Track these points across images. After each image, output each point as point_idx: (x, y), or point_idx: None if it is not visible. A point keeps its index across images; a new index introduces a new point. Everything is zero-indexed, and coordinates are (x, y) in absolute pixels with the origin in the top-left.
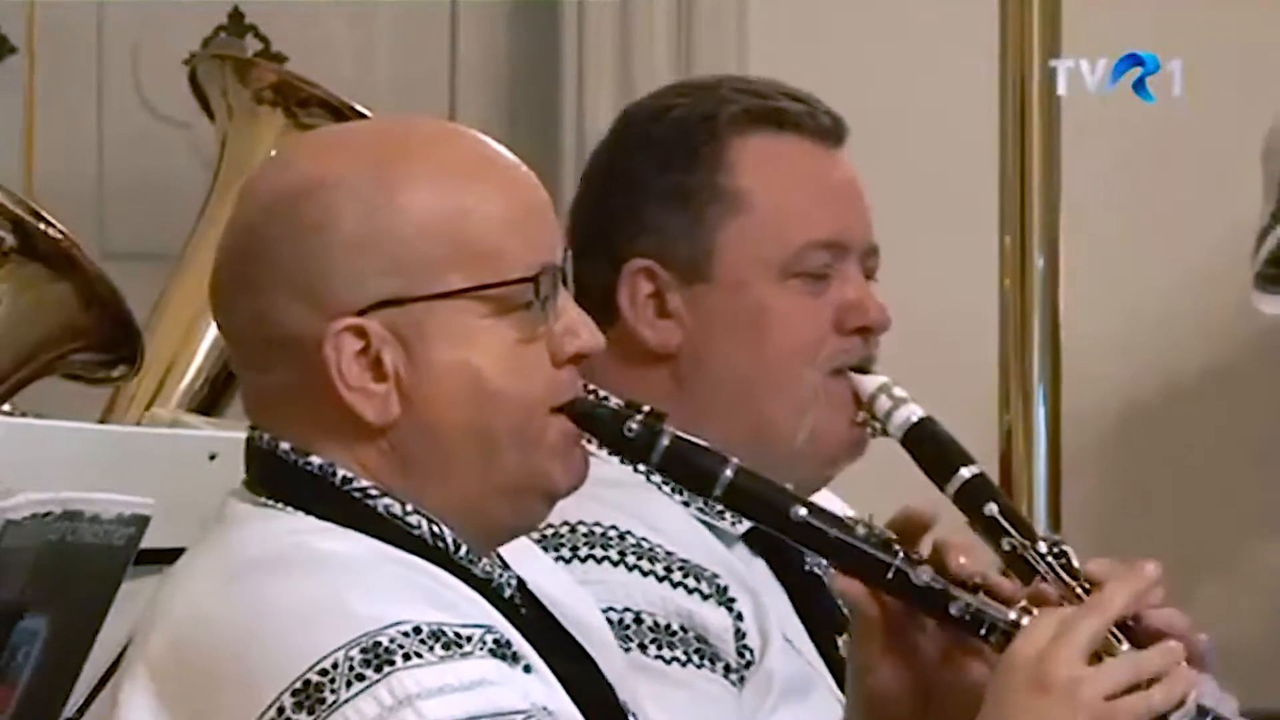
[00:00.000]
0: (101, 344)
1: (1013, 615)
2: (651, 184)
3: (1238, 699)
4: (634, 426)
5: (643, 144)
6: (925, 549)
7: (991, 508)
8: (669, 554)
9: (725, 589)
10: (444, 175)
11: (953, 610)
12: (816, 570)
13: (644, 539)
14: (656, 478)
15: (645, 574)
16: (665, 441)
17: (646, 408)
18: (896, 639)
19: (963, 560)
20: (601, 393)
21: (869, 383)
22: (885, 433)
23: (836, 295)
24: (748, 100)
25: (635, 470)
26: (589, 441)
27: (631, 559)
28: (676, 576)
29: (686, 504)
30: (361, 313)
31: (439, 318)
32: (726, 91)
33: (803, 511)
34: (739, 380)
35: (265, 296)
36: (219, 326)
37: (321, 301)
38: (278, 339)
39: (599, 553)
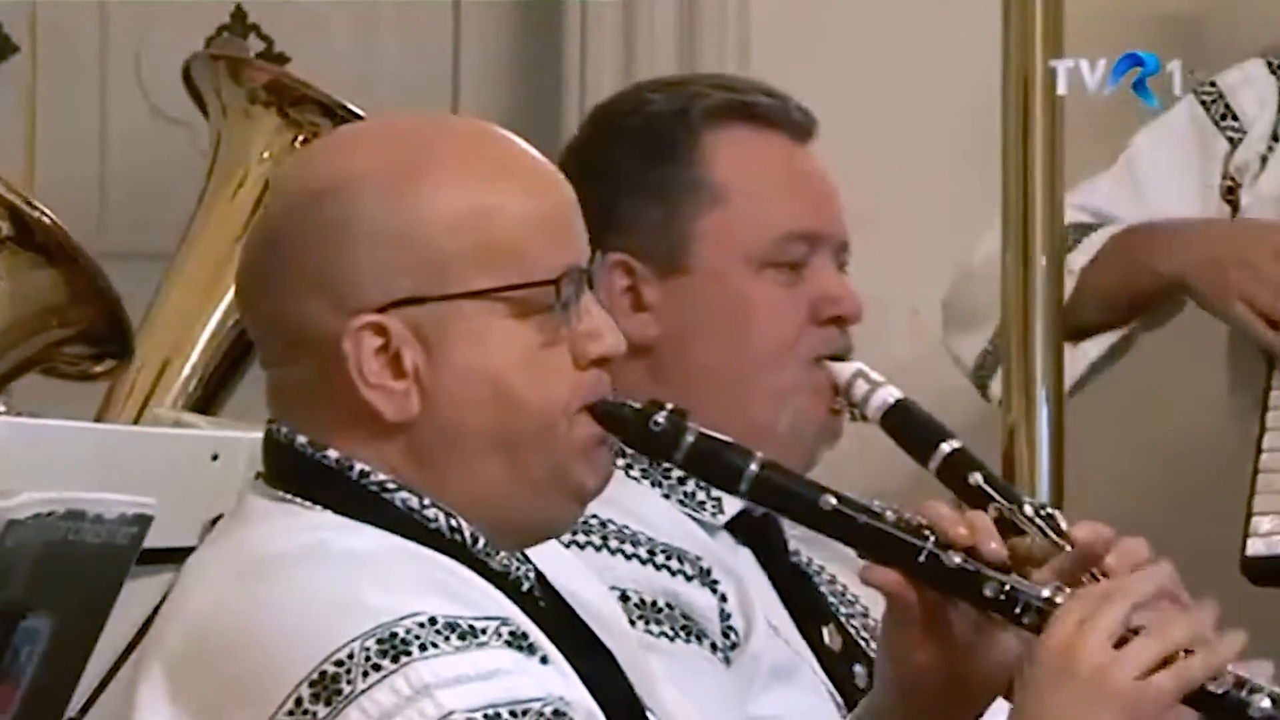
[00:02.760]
0: (91, 335)
1: (1046, 593)
2: (626, 178)
3: None
4: (659, 422)
5: (617, 138)
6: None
7: (976, 478)
8: (650, 539)
9: (708, 571)
10: (470, 174)
11: (986, 591)
12: (799, 563)
13: (625, 525)
14: (635, 471)
15: (629, 557)
16: (690, 438)
17: (670, 405)
18: (932, 621)
19: (994, 545)
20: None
21: (844, 369)
22: (864, 418)
23: (811, 286)
24: (721, 95)
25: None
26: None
27: (614, 543)
28: (660, 559)
29: (667, 496)
30: (382, 310)
31: (460, 317)
32: (700, 87)
33: (832, 501)
34: (720, 372)
35: (288, 291)
36: (244, 320)
37: (343, 298)
38: (299, 334)
39: (581, 539)
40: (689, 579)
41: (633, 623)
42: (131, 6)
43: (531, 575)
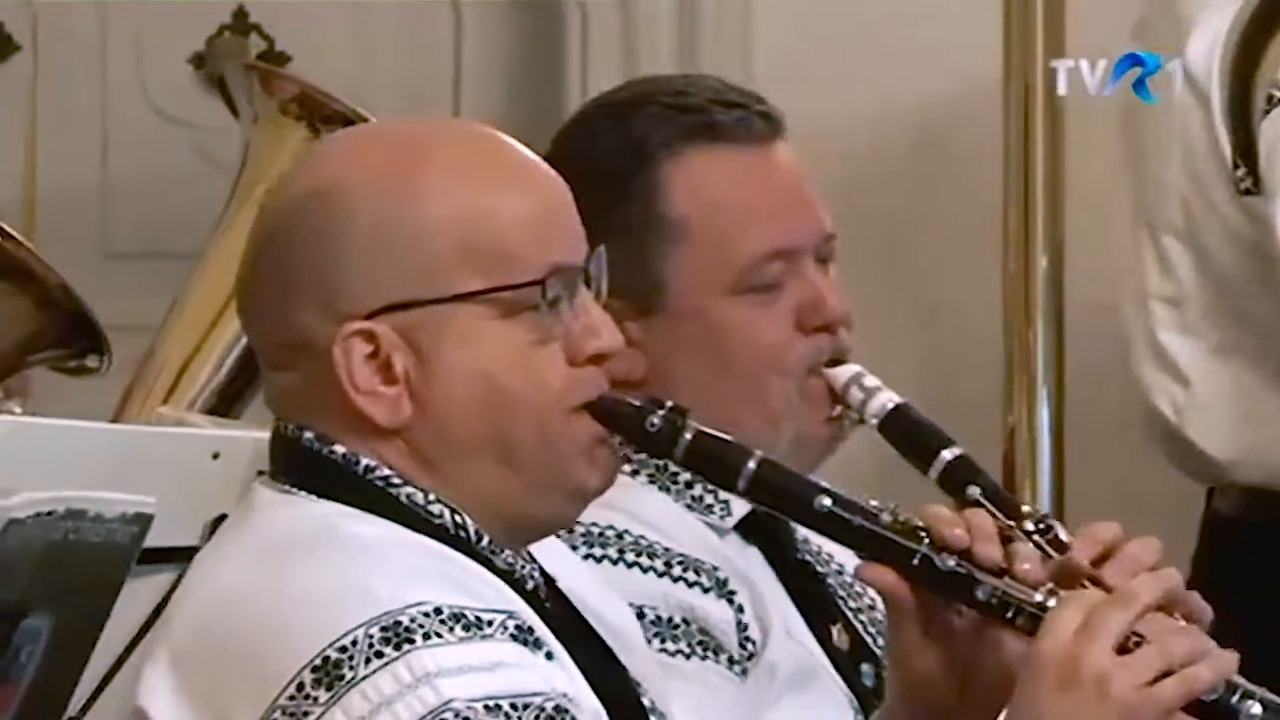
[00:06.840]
0: (62, 341)
1: (1038, 597)
2: (589, 217)
3: None
4: (656, 422)
5: (577, 174)
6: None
7: (974, 490)
8: (667, 549)
9: (725, 581)
10: (458, 178)
11: (979, 595)
12: (808, 559)
13: (641, 536)
14: (643, 476)
15: (645, 570)
16: (689, 436)
17: (669, 403)
18: (933, 623)
19: (990, 548)
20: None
21: (840, 376)
22: (863, 422)
23: (793, 297)
24: (677, 119)
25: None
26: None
27: (630, 556)
28: (676, 571)
29: (675, 500)
30: (371, 315)
31: (449, 320)
32: (654, 109)
33: (827, 502)
34: (709, 402)
35: (281, 298)
36: (242, 325)
37: (333, 304)
38: (292, 339)
39: (598, 552)
40: (705, 591)
41: (649, 640)
42: (133, 6)
43: (537, 575)
